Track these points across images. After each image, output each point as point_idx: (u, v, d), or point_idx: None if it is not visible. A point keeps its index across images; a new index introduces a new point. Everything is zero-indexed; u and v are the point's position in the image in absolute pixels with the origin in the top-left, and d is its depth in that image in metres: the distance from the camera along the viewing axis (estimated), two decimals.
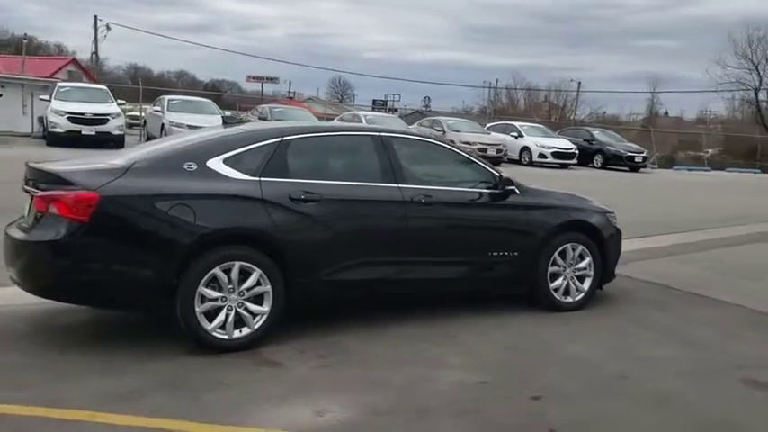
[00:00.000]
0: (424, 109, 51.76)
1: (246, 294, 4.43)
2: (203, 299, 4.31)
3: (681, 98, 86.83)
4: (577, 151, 24.94)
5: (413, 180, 5.15)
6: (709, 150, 45.26)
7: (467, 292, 5.58)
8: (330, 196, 4.73)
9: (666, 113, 64.95)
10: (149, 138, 21.76)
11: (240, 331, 4.43)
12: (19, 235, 4.39)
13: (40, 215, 4.25)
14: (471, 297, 5.68)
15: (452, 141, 23.15)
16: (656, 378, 4.31)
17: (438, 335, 4.97)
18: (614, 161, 25.85)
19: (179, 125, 19.03)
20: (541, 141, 24.67)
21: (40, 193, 4.27)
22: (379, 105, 52.39)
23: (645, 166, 26.70)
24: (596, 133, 27.81)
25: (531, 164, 24.55)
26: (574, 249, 5.77)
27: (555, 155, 24.33)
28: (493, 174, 5.56)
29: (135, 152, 4.89)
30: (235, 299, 4.40)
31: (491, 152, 23.21)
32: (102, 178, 4.21)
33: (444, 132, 24.23)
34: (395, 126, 24.37)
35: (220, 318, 4.37)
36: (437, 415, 3.61)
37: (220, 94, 38.51)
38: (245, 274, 4.42)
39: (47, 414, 3.39)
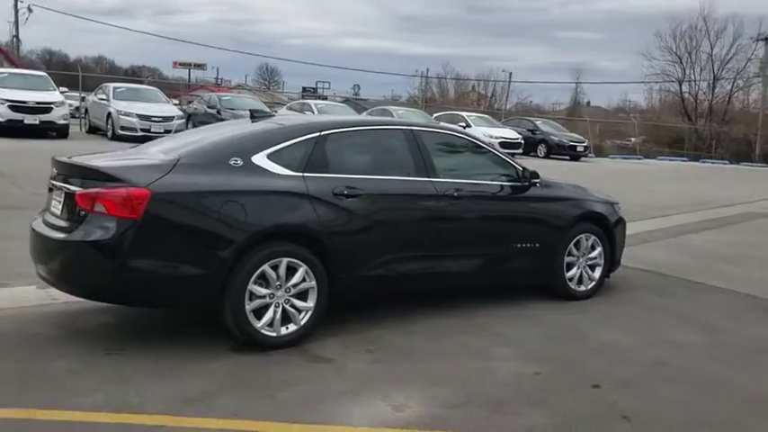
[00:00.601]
0: (353, 97, 51.68)
1: (292, 291, 4.38)
2: (252, 296, 4.24)
3: (600, 88, 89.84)
4: (523, 141, 25.49)
5: (443, 174, 5.18)
6: (632, 139, 47.06)
7: (490, 285, 5.65)
8: (370, 191, 4.71)
9: (588, 103, 67.18)
10: (92, 127, 20.96)
11: (287, 328, 4.38)
12: (57, 234, 4.19)
13: (84, 213, 4.06)
14: (483, 288, 5.75)
15: None
16: (693, 363, 4.51)
17: (470, 326, 5.03)
18: (557, 150, 26.55)
19: (128, 114, 18.44)
20: (489, 131, 25.04)
21: (84, 191, 4.08)
22: (308, 92, 52.12)
23: (586, 155, 27.56)
24: (539, 123, 28.50)
25: None
26: (587, 240, 5.95)
27: (502, 144, 24.66)
28: (515, 167, 5.66)
29: (169, 144, 4.75)
30: (281, 295, 4.34)
31: None
32: (151, 174, 4.06)
33: None
34: (346, 115, 24.32)
35: (269, 315, 4.30)
36: (511, 406, 3.68)
37: (141, 80, 37.22)
38: (291, 271, 4.36)
39: (128, 420, 3.27)
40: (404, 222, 4.92)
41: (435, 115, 27.68)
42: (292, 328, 4.40)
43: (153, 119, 18.55)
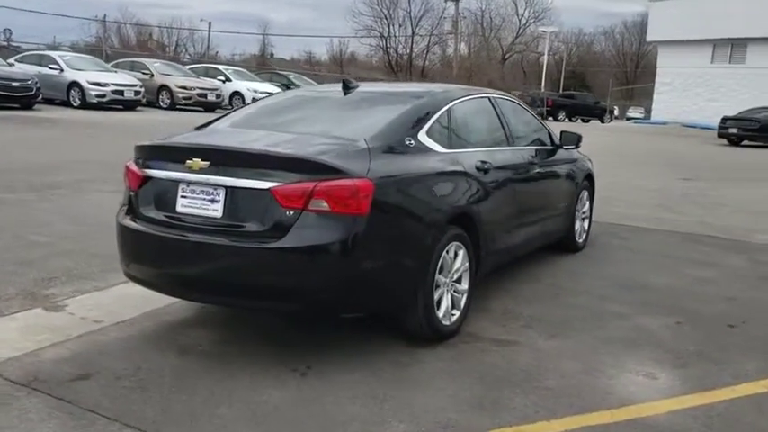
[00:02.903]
0: (5, 43, 45.47)
1: (455, 276, 4.14)
2: (435, 286, 3.92)
3: (283, 41, 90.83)
4: None
5: (519, 141, 5.22)
6: None
7: (541, 247, 5.85)
8: (494, 164, 4.57)
9: (272, 55, 68.69)
10: None
11: (453, 314, 4.14)
12: (235, 241, 3.38)
13: (291, 213, 3.31)
14: None
15: (166, 86, 21.62)
16: (747, 293, 5.32)
17: (558, 288, 5.22)
18: None
19: None
20: (253, 86, 24.40)
21: (287, 185, 3.31)
22: None
23: None
24: (292, 77, 28.48)
25: None
26: (583, 195, 6.47)
27: None
28: (548, 130, 5.88)
29: (304, 127, 4.05)
30: (448, 282, 4.09)
31: (211, 97, 22.30)
32: (362, 162, 3.47)
33: (153, 76, 22.34)
34: (97, 67, 21.61)
35: (445, 304, 4.03)
36: (713, 354, 4.00)
37: None
38: (454, 255, 4.11)
39: None
40: (512, 193, 4.87)
41: (190, 67, 25.98)
42: (456, 313, 4.17)
43: None
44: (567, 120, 40.80)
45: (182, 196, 3.58)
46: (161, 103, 22.18)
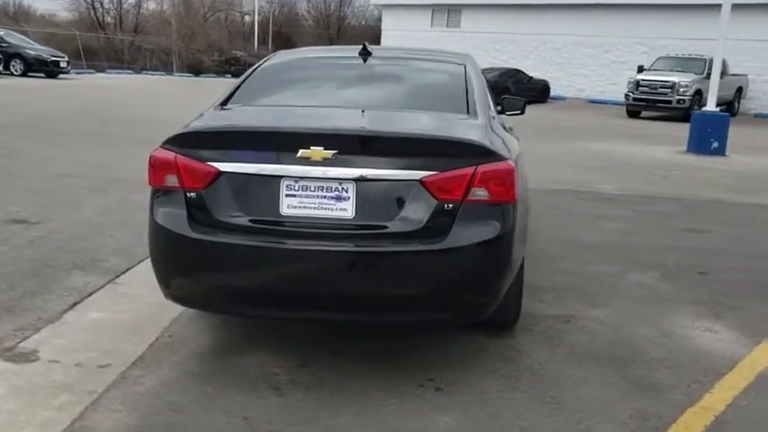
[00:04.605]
0: None
1: None
2: None
3: None
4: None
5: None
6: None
7: None
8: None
9: None
10: None
11: None
12: (398, 246, 2.78)
13: (450, 206, 2.77)
14: None
15: None
16: (681, 242, 5.90)
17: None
18: (38, 67, 23.26)
19: None
20: None
21: (442, 174, 2.77)
22: None
23: (68, 72, 24.91)
24: (2, 34, 24.17)
25: None
26: None
27: None
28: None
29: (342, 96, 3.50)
30: None
31: None
32: (495, 140, 3.06)
33: None
34: None
35: None
36: (735, 299, 4.37)
37: None
38: None
39: None
40: None
41: None
42: None
43: None
44: None
45: (288, 195, 2.81)
46: None
